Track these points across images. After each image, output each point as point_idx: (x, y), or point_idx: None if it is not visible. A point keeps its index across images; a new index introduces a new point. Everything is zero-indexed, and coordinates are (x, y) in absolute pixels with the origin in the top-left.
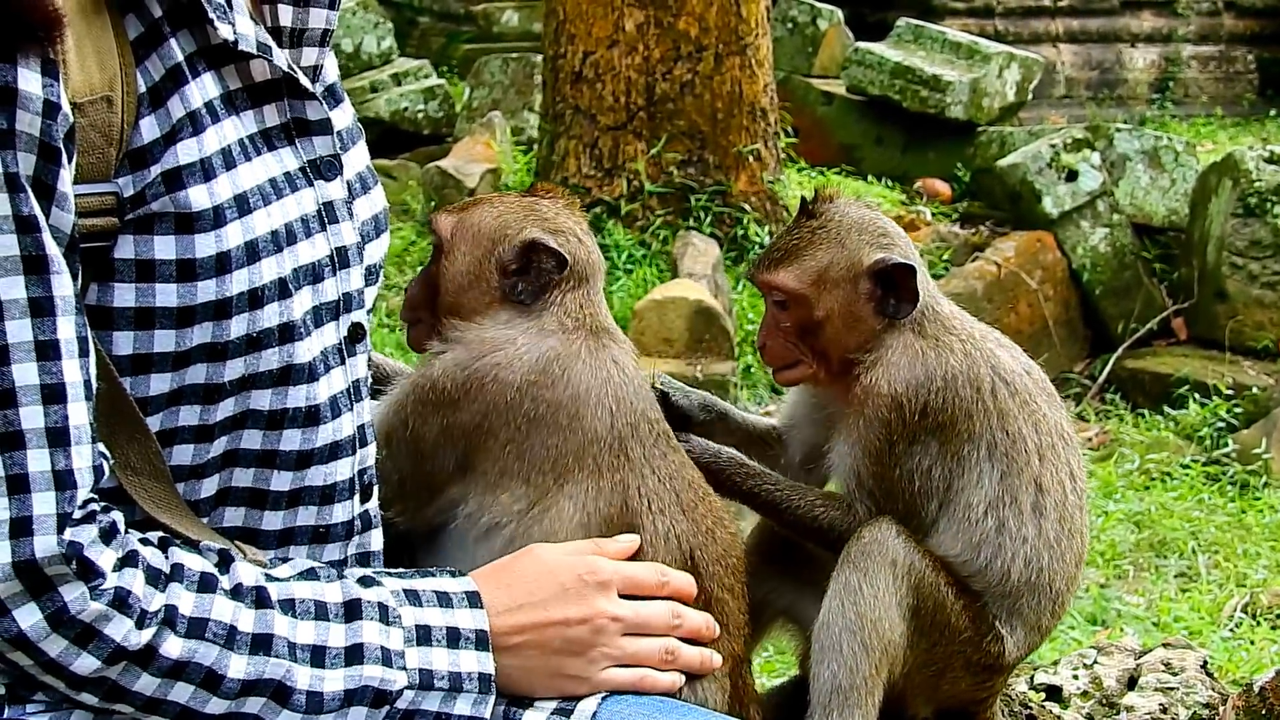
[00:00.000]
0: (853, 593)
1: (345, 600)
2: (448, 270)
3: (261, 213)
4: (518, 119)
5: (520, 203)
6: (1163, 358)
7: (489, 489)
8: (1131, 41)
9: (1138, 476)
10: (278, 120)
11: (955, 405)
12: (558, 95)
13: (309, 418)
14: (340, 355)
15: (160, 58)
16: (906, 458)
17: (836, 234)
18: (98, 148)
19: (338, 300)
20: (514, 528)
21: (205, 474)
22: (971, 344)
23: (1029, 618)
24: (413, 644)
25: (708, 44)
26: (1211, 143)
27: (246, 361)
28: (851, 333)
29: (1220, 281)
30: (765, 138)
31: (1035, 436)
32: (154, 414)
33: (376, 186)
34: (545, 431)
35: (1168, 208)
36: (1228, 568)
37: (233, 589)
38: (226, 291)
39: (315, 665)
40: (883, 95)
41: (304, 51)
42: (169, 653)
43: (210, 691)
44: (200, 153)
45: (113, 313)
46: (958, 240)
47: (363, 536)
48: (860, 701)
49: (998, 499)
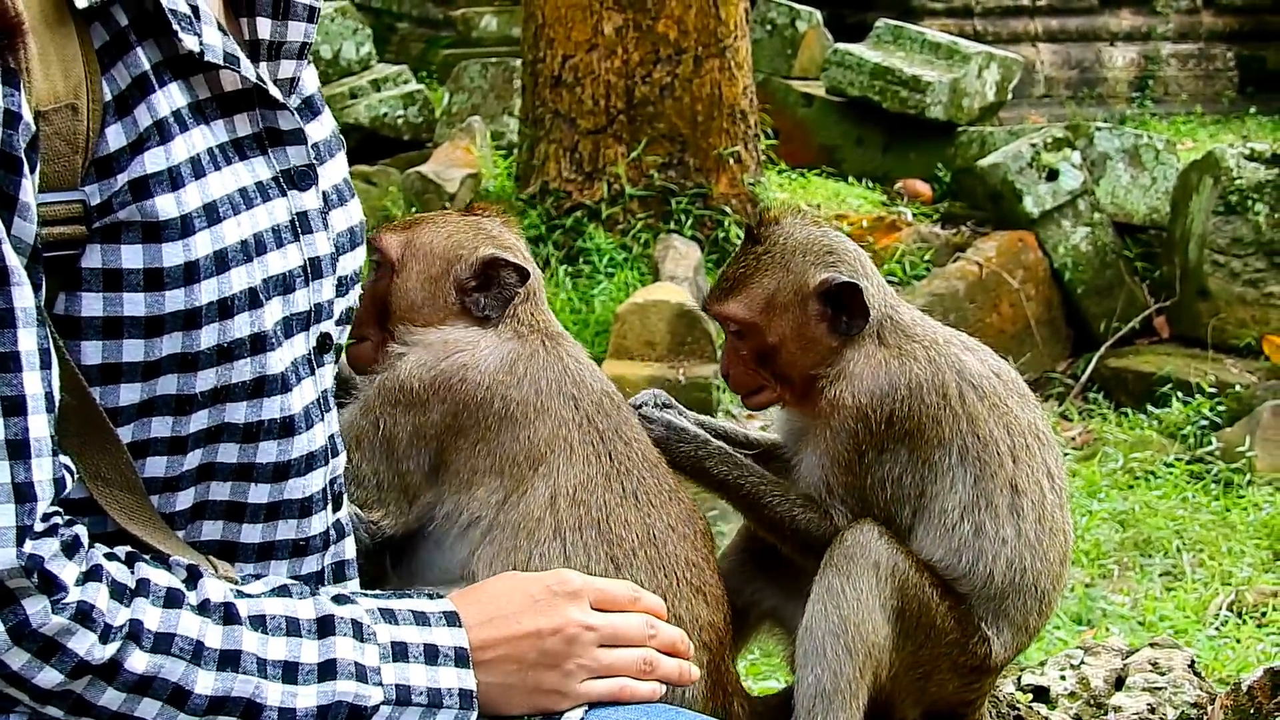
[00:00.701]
0: (835, 596)
1: (318, 616)
2: (400, 288)
3: (231, 222)
4: (497, 123)
5: (465, 221)
6: (1145, 356)
7: (463, 488)
8: (1111, 40)
9: (1121, 475)
10: (249, 130)
11: (922, 412)
12: (537, 99)
13: (284, 429)
14: (310, 366)
15: (126, 66)
16: (877, 466)
17: (781, 258)
18: (63, 155)
19: (309, 311)
20: (492, 518)
21: (180, 487)
22: (935, 350)
23: (1015, 619)
24: (388, 660)
25: (687, 47)
26: (1192, 141)
27: (218, 372)
28: (808, 353)
29: (1202, 279)
30: (745, 140)
31: (1007, 439)
32: (125, 424)
33: (354, 199)
34: (515, 427)
35: (1149, 206)
36: (1212, 566)
37: (200, 605)
38: (195, 301)
39: (287, 682)
40: (862, 96)
41: (281, 64)
42: (134, 668)
43: (177, 708)
44: (168, 161)
45: (81, 322)
46: (939, 240)
47: (337, 546)
48: (845, 705)
49: (972, 503)
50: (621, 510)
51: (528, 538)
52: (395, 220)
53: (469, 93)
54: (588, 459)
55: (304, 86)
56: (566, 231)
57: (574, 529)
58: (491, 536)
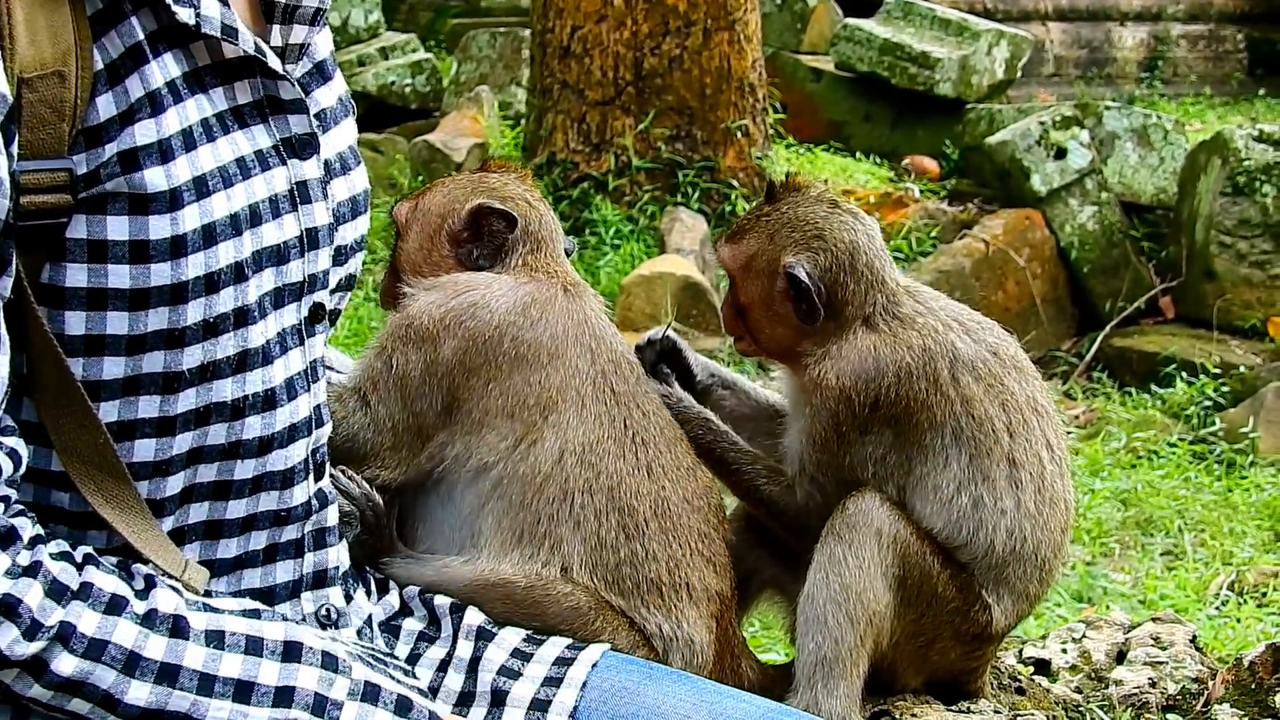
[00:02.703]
0: (838, 564)
1: (285, 640)
2: (404, 251)
3: (221, 195)
4: (505, 93)
5: (469, 179)
6: (1150, 336)
7: (474, 429)
8: (1120, 20)
9: (1124, 455)
10: (250, 97)
11: (910, 398)
12: (545, 70)
13: (267, 402)
14: (299, 336)
15: (119, 35)
16: (858, 445)
17: (774, 225)
18: (49, 123)
19: (302, 281)
20: (502, 467)
21: (170, 471)
22: (930, 337)
23: (1016, 586)
24: (356, 699)
25: (696, 19)
26: (1200, 122)
27: (204, 348)
28: (775, 325)
29: (1208, 260)
30: (753, 113)
31: (1004, 415)
32: (109, 401)
33: (358, 167)
34: (527, 369)
35: (1156, 186)
36: (1214, 546)
37: (145, 615)
38: (181, 275)
39: (238, 701)
40: (871, 72)
41: (294, 29)
42: (60, 670)
43: (108, 711)
44: (159, 134)
45: (65, 293)
46: (946, 217)
47: (319, 514)
48: (845, 673)
49: (968, 479)
50: (634, 480)
51: (536, 494)
52: (406, 190)
53: (477, 62)
54: (599, 419)
55: (316, 51)
56: (573, 203)
57: (583, 491)
58: (501, 489)
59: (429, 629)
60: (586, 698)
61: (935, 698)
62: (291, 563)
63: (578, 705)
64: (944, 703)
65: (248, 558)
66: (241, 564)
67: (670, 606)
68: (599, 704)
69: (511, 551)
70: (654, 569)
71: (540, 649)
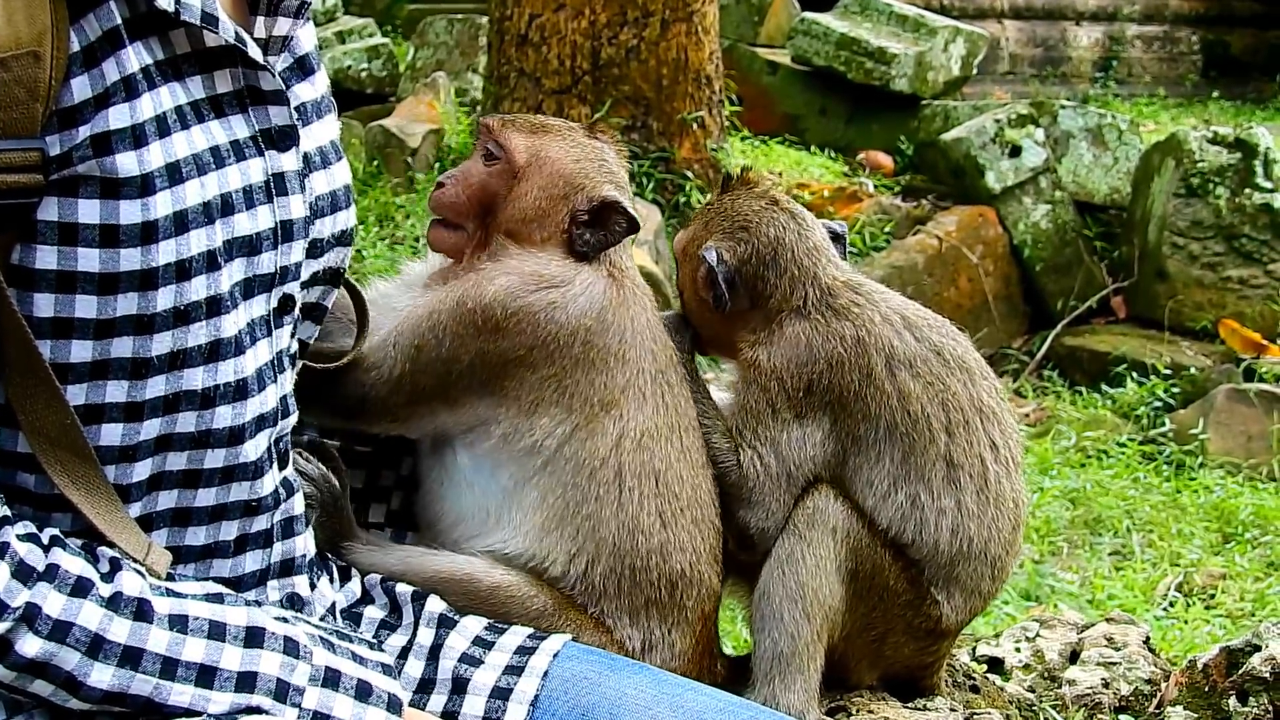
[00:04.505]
0: (795, 562)
1: (248, 626)
2: (518, 197)
3: (195, 183)
4: (461, 80)
5: (592, 146)
6: (1101, 336)
7: (524, 412)
8: (1076, 19)
9: (1074, 454)
10: (230, 87)
11: (844, 388)
12: (502, 57)
13: (239, 392)
14: (268, 326)
15: (98, 18)
16: (795, 428)
17: (709, 215)
18: (21, 102)
19: (274, 273)
20: (553, 451)
21: (138, 457)
22: (864, 329)
23: (966, 584)
24: (317, 684)
25: (654, 10)
26: (1154, 122)
27: (174, 336)
28: (703, 310)
29: (1161, 261)
30: (710, 105)
31: (942, 414)
32: (77, 384)
33: (340, 162)
34: (593, 371)
35: (1110, 186)
36: (1162, 547)
37: (110, 598)
38: (152, 261)
39: (201, 685)
40: (828, 66)
41: (278, 21)
42: (25, 651)
43: (70, 693)
44: (132, 119)
45: (34, 274)
46: (899, 213)
47: (286, 503)
48: (803, 668)
49: (901, 476)
50: (679, 466)
51: (589, 477)
52: (506, 116)
53: (434, 48)
54: (657, 408)
55: (299, 45)
56: None
57: (634, 474)
58: (552, 468)
59: (390, 616)
60: (548, 687)
61: (892, 695)
62: (260, 552)
63: (539, 694)
64: (900, 700)
65: (217, 547)
66: (210, 553)
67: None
68: (560, 693)
69: (549, 534)
70: (680, 561)
71: (502, 637)
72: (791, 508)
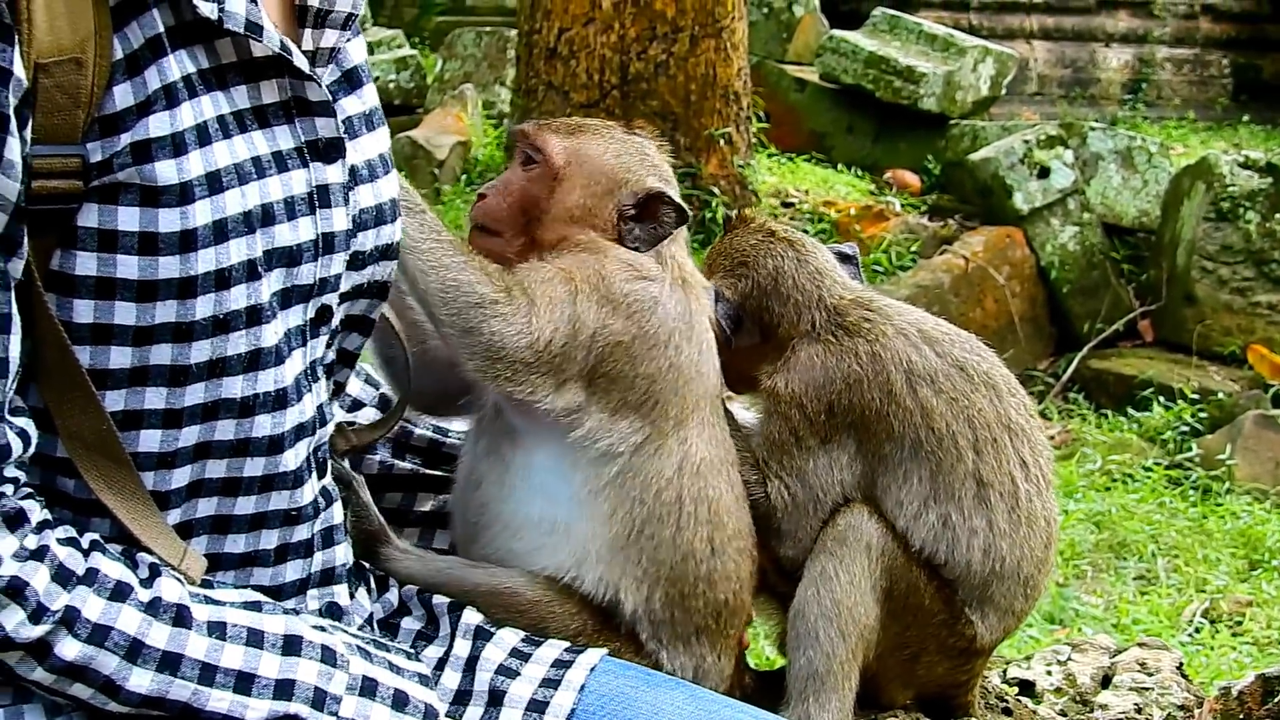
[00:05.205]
0: (829, 580)
1: (285, 634)
2: (560, 196)
3: (235, 192)
4: (489, 93)
5: (631, 142)
6: (1128, 359)
7: (609, 411)
8: (1106, 41)
9: (1099, 477)
10: (276, 97)
11: (865, 406)
12: (531, 70)
13: (278, 401)
14: (303, 336)
15: (141, 26)
16: (821, 455)
17: (712, 256)
18: (63, 109)
19: (313, 284)
20: (626, 460)
21: (176, 464)
22: (878, 345)
23: (1000, 603)
24: (354, 693)
25: (684, 25)
26: (1183, 145)
27: (213, 344)
28: (721, 348)
29: (1189, 285)
30: (737, 122)
31: (969, 432)
32: (116, 390)
33: (388, 176)
34: (678, 379)
35: (1139, 209)
36: (1187, 572)
37: (149, 603)
38: (191, 270)
39: (239, 692)
40: (856, 84)
41: (325, 33)
42: (64, 654)
43: (109, 696)
44: (172, 127)
45: (74, 280)
46: (926, 233)
47: (326, 512)
48: (837, 686)
49: (930, 495)
50: (729, 498)
51: (655, 496)
52: (541, 120)
53: (462, 60)
54: (713, 440)
55: (347, 58)
56: None
57: (692, 499)
58: (623, 479)
59: (427, 628)
60: (584, 701)
61: (925, 714)
62: (301, 562)
63: (575, 708)
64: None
65: (257, 556)
66: (250, 561)
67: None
68: (596, 708)
69: (618, 553)
70: (725, 590)
71: (539, 650)
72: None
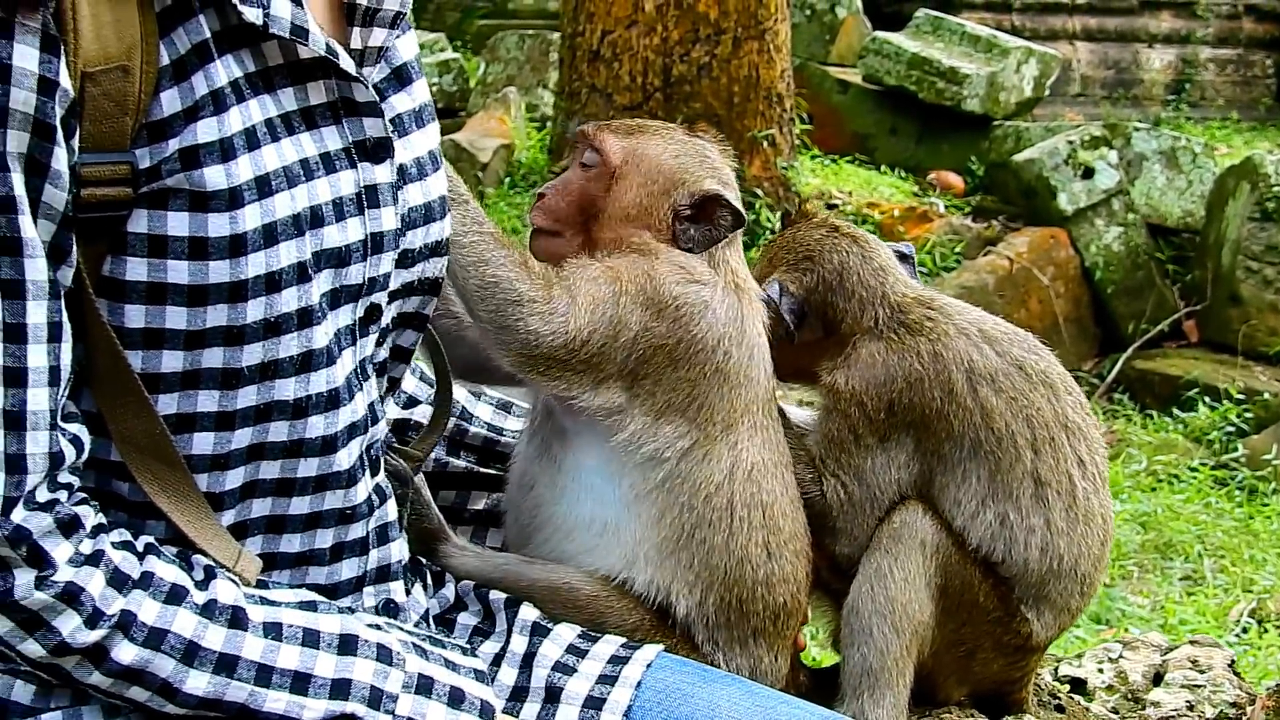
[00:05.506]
0: (883, 577)
1: (341, 633)
2: (617, 195)
3: (284, 195)
4: (532, 95)
5: (691, 143)
6: (1173, 359)
7: (653, 412)
8: (1149, 42)
9: (1144, 477)
10: (324, 99)
11: (925, 405)
12: (574, 73)
13: (331, 402)
14: (352, 336)
15: (187, 32)
16: (880, 453)
17: (774, 250)
18: (111, 116)
19: (362, 284)
20: (673, 465)
21: (230, 466)
22: (939, 344)
23: (1056, 601)
24: (410, 691)
25: (727, 27)
26: (1227, 146)
27: (265, 347)
28: (779, 343)
29: (1234, 285)
30: (780, 123)
31: (1027, 431)
32: (168, 393)
33: (437, 173)
34: (725, 385)
35: (1183, 209)
36: (1234, 573)
37: (204, 605)
38: (241, 274)
39: (296, 692)
40: (899, 85)
41: (374, 31)
42: (120, 658)
43: (167, 699)
44: (220, 133)
45: (125, 286)
46: (970, 234)
47: (380, 509)
48: (892, 683)
49: (989, 495)
50: (783, 501)
51: (704, 501)
52: (601, 122)
53: (505, 64)
54: (766, 441)
55: (396, 55)
56: None
57: (745, 504)
58: (671, 484)
59: (483, 623)
60: (641, 697)
61: (980, 710)
62: (356, 560)
63: (632, 705)
64: (988, 716)
65: (312, 555)
66: (305, 560)
67: (782, 633)
68: (653, 704)
69: (668, 557)
70: (783, 593)
71: (595, 646)
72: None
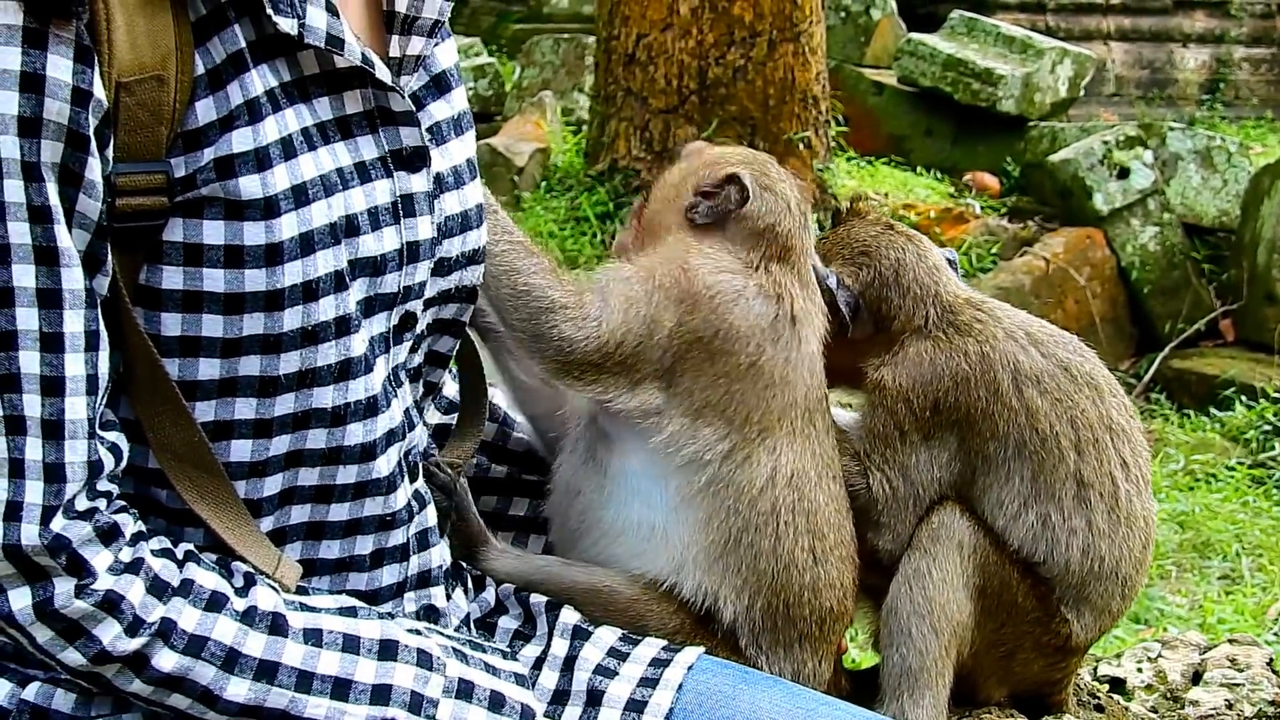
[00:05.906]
0: (921, 578)
1: (381, 639)
2: (660, 180)
3: (321, 204)
4: (568, 99)
5: (756, 155)
6: (1209, 359)
7: (691, 413)
8: (1183, 41)
9: (1182, 477)
10: (360, 108)
11: (971, 405)
12: (610, 77)
13: (369, 409)
14: (385, 344)
15: (222, 42)
16: (923, 450)
17: (828, 246)
18: (146, 126)
19: (397, 292)
20: (715, 469)
21: (268, 473)
22: (988, 345)
23: (1097, 602)
24: (451, 696)
25: (762, 30)
26: (1261, 145)
27: (302, 355)
28: (828, 339)
29: (1270, 284)
30: (816, 126)
31: (1071, 433)
32: (205, 401)
33: (473, 181)
34: (759, 384)
35: (1219, 208)
36: (1272, 572)
37: (244, 612)
38: (278, 283)
39: (336, 698)
40: (934, 87)
41: (412, 40)
42: (161, 665)
43: (207, 706)
44: (255, 142)
45: (161, 294)
46: (1006, 234)
47: (420, 515)
48: (931, 683)
49: (1032, 496)
50: (828, 510)
51: (749, 505)
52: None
53: (540, 67)
54: (804, 452)
55: (435, 62)
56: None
57: (789, 510)
58: (715, 488)
59: (524, 627)
60: (682, 700)
61: (1020, 711)
62: (397, 566)
63: (673, 708)
64: (1029, 717)
65: (352, 561)
66: (345, 566)
67: (828, 638)
68: (694, 707)
69: (716, 561)
70: (830, 598)
71: (636, 649)
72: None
